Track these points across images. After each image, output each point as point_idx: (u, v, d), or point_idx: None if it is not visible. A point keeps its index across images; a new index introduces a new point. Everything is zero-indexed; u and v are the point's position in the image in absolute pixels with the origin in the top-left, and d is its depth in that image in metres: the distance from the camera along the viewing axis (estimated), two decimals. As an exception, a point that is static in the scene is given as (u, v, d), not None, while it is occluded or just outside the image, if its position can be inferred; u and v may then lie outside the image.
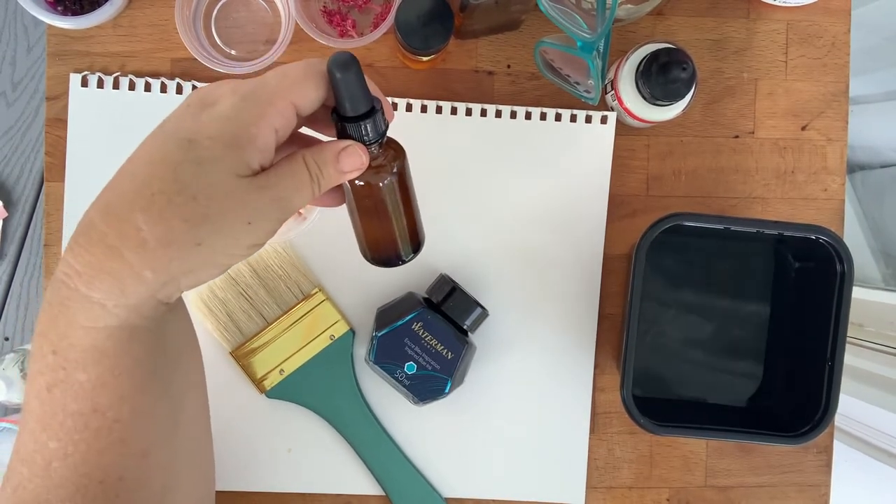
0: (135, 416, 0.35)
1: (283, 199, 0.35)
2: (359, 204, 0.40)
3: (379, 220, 0.41)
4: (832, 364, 0.52)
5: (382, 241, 0.42)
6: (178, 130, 0.34)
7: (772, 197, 0.61)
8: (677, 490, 0.61)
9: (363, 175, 0.38)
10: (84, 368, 0.34)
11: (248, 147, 0.34)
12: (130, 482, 0.35)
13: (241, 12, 0.59)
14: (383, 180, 0.39)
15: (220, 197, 0.34)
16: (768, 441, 0.53)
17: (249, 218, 0.34)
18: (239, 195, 0.34)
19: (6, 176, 1.06)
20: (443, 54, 0.57)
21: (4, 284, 1.05)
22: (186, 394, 0.39)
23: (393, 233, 0.41)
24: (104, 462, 0.34)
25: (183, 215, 0.33)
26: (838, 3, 0.61)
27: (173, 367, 0.37)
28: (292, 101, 0.35)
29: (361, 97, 0.35)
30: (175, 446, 0.38)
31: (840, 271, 0.52)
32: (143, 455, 0.35)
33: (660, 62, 0.51)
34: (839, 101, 0.61)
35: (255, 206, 0.34)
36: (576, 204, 0.60)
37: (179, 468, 0.38)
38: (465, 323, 0.55)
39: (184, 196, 0.33)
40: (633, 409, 0.51)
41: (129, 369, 0.35)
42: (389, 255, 0.42)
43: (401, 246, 0.42)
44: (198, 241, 0.33)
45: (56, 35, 0.58)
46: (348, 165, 0.37)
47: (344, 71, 0.34)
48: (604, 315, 0.60)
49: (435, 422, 0.59)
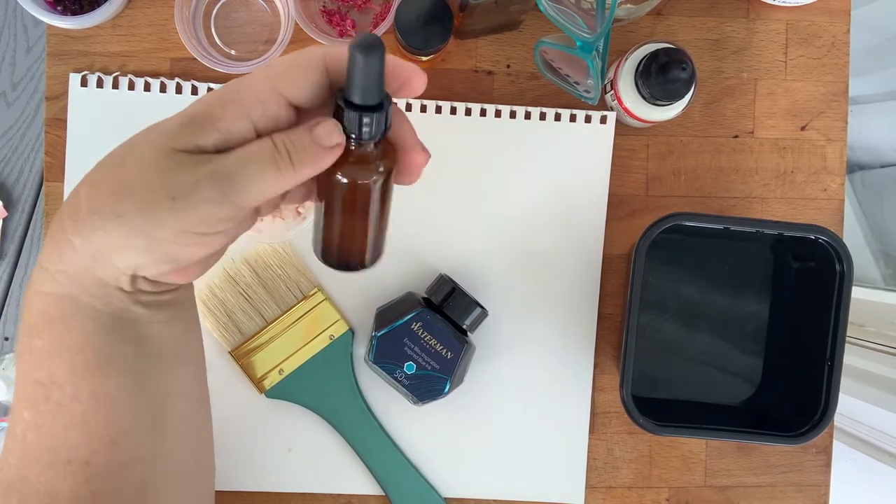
0: (95, 399, 0.34)
1: (229, 176, 0.31)
2: (337, 202, 0.36)
3: (355, 221, 0.37)
4: (832, 364, 0.52)
5: (350, 244, 0.38)
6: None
7: (771, 197, 0.61)
8: (677, 490, 0.61)
9: (353, 171, 0.35)
10: (39, 334, 0.34)
11: (202, 124, 0.31)
12: (98, 468, 0.34)
13: (240, 12, 0.59)
14: (373, 180, 0.36)
15: (147, 167, 0.31)
16: (768, 441, 0.53)
17: (173, 193, 0.31)
18: (169, 166, 0.31)
19: (6, 176, 1.06)
20: (442, 54, 0.57)
21: (4, 284, 1.05)
22: (172, 398, 0.37)
23: (364, 238, 0.38)
24: (70, 441, 0.34)
25: (112, 185, 0.32)
26: (838, 3, 0.61)
27: (154, 368, 0.36)
28: (277, 87, 0.32)
29: (376, 87, 0.32)
30: (157, 447, 0.37)
31: (840, 271, 0.52)
32: (111, 443, 0.34)
33: (659, 62, 0.51)
34: (839, 101, 0.61)
35: (184, 181, 0.31)
36: (575, 204, 0.60)
37: (166, 471, 0.37)
38: (464, 323, 0.55)
39: (116, 165, 0.32)
40: (632, 409, 0.51)
41: (79, 345, 0.34)
42: (353, 260, 0.39)
43: (368, 252, 0.39)
44: (118, 212, 0.31)
45: (56, 35, 0.58)
46: (326, 137, 0.32)
47: (367, 54, 0.31)
48: (603, 315, 0.60)
49: (434, 422, 0.59)
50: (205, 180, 0.31)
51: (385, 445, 0.58)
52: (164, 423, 0.37)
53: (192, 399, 0.39)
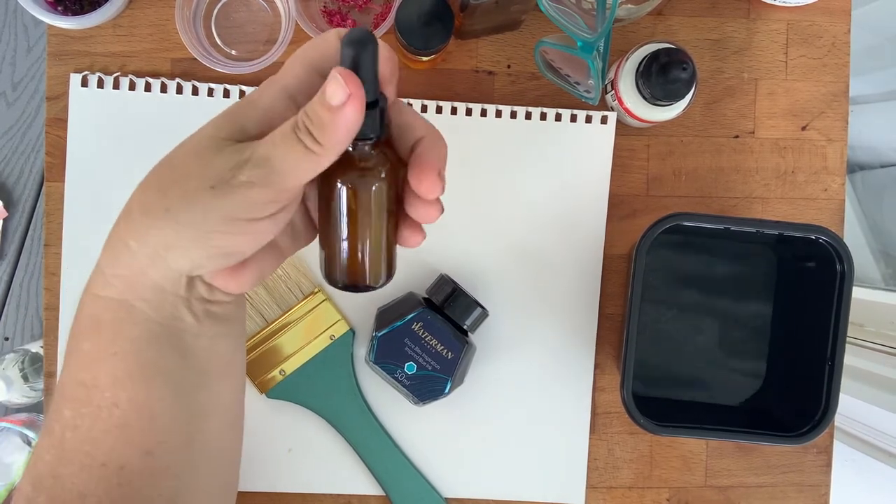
0: (134, 408, 0.34)
1: (263, 159, 0.30)
2: (336, 213, 0.34)
3: (356, 234, 0.35)
4: (832, 364, 0.52)
5: (354, 261, 0.36)
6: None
7: (772, 197, 0.61)
8: (677, 490, 0.61)
9: (350, 177, 0.33)
10: (88, 337, 0.34)
11: (244, 107, 0.32)
12: (130, 476, 0.34)
13: (241, 12, 0.59)
14: (372, 186, 0.34)
15: (189, 158, 0.31)
16: (768, 441, 0.53)
17: (212, 181, 0.30)
18: (207, 155, 0.31)
19: (6, 176, 1.06)
20: (443, 54, 0.57)
21: (4, 284, 1.05)
22: (210, 415, 0.37)
23: (368, 253, 0.35)
24: (106, 445, 0.34)
25: (159, 182, 0.32)
26: (838, 3, 0.61)
27: (197, 382, 0.36)
28: (307, 60, 0.32)
29: (368, 84, 0.31)
30: (190, 461, 0.36)
31: (840, 271, 0.52)
32: (146, 453, 0.35)
33: (660, 62, 0.51)
34: (839, 101, 0.61)
35: (222, 167, 0.30)
36: (576, 204, 0.60)
37: (195, 486, 0.37)
38: (465, 323, 0.55)
39: (164, 165, 0.32)
40: (633, 409, 0.51)
41: (125, 352, 0.34)
42: (358, 280, 0.36)
43: (373, 269, 0.36)
44: (166, 206, 0.31)
45: (56, 35, 0.58)
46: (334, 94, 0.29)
47: (358, 49, 0.30)
48: (604, 315, 0.60)
49: (435, 422, 0.59)
50: (241, 165, 0.30)
51: (385, 445, 0.58)
52: (199, 439, 0.37)
53: (229, 417, 0.39)
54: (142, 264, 0.33)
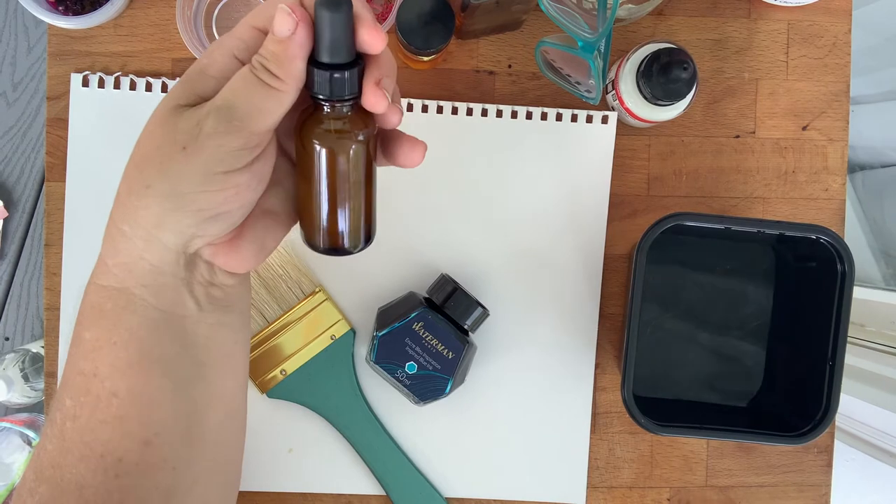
0: (133, 397, 0.34)
1: (225, 106, 0.31)
2: (315, 175, 0.35)
3: (335, 197, 0.35)
4: (833, 364, 0.52)
5: (334, 224, 0.36)
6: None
7: (773, 197, 0.61)
8: (678, 490, 0.61)
9: (328, 139, 0.34)
10: (88, 327, 0.34)
11: (196, 76, 0.33)
12: (129, 467, 0.34)
13: (241, 12, 0.59)
14: (350, 147, 0.34)
15: (156, 129, 0.32)
16: (769, 441, 0.53)
17: (182, 142, 0.31)
18: (171, 121, 0.32)
19: (6, 176, 1.06)
20: (443, 54, 0.57)
21: (4, 284, 1.05)
22: (209, 406, 0.37)
23: (348, 216, 0.36)
24: (104, 435, 0.34)
25: (135, 162, 0.33)
26: (839, 3, 0.61)
27: (197, 373, 0.36)
28: (252, 24, 0.33)
29: (344, 45, 0.32)
30: (189, 453, 0.36)
31: (841, 271, 0.52)
32: (144, 443, 0.34)
33: (661, 62, 0.51)
34: (840, 101, 0.61)
35: (187, 126, 0.31)
36: (577, 204, 0.60)
37: (194, 477, 0.37)
38: (465, 323, 0.55)
39: (136, 147, 0.33)
40: (633, 409, 0.51)
41: (125, 341, 0.34)
42: (338, 243, 0.36)
43: (353, 232, 0.36)
44: (146, 183, 0.32)
45: (57, 35, 0.58)
46: (279, 26, 0.31)
47: (332, 10, 0.31)
48: (604, 315, 0.60)
49: (436, 422, 0.59)
50: (205, 118, 0.31)
51: (386, 445, 0.58)
52: (198, 431, 0.37)
53: (230, 409, 0.39)
54: (138, 248, 0.33)
